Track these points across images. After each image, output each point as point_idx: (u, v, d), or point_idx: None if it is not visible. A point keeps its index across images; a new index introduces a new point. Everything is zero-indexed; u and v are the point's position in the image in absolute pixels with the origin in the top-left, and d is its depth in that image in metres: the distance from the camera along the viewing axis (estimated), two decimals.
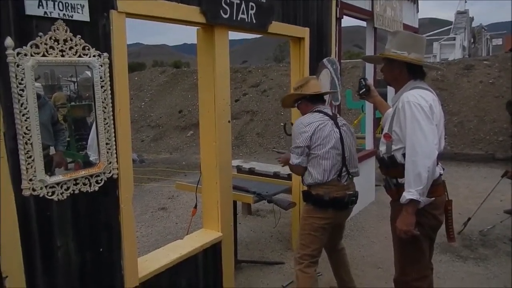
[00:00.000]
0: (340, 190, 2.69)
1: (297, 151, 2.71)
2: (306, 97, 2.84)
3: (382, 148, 2.37)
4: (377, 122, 6.01)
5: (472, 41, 31.29)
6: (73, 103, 2.00)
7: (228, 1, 2.73)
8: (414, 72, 2.34)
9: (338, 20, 4.41)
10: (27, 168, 1.76)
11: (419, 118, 2.12)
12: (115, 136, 2.11)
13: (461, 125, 10.01)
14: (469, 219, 4.61)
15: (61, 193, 1.90)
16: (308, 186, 2.77)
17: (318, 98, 2.86)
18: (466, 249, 4.17)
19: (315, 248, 2.75)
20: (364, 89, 2.81)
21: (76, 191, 1.97)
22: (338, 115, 2.92)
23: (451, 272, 3.72)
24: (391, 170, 2.32)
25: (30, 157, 1.76)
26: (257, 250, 4.27)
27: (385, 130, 2.37)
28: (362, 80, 2.85)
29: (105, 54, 2.03)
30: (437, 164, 2.24)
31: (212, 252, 2.90)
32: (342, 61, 5.32)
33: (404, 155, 2.19)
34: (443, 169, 2.37)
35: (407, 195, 2.11)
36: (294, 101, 2.98)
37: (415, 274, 2.32)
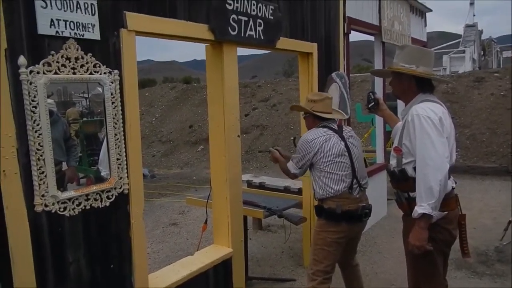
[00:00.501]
0: (353, 203, 2.67)
1: (298, 164, 2.79)
2: (314, 114, 2.84)
3: (393, 162, 2.35)
4: (387, 135, 5.97)
5: (482, 53, 31.19)
6: (85, 119, 2.03)
7: (236, 19, 2.77)
8: (422, 85, 2.33)
9: (346, 35, 4.44)
10: (39, 184, 1.78)
11: (429, 131, 2.10)
12: (125, 152, 2.13)
13: (473, 137, 9.89)
14: (509, 222, 4.47)
15: (73, 209, 1.92)
16: (320, 200, 2.76)
17: (325, 117, 2.85)
18: (482, 265, 4.07)
19: (329, 264, 2.70)
20: (373, 103, 2.81)
21: (88, 207, 1.99)
22: (344, 127, 2.91)
23: None
24: (402, 184, 2.29)
25: (43, 173, 1.79)
26: (268, 267, 4.22)
27: (395, 144, 2.36)
28: (370, 94, 2.84)
29: (116, 71, 2.06)
30: (449, 177, 2.21)
31: (223, 268, 2.88)
32: (351, 75, 5.33)
33: (415, 168, 2.17)
34: (456, 183, 2.34)
35: (419, 209, 2.08)
36: (303, 111, 2.99)
37: None
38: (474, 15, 31.65)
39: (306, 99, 2.94)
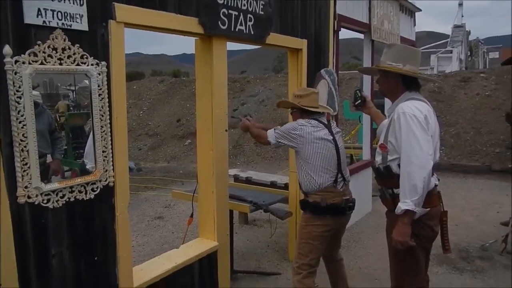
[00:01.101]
0: (337, 196, 2.71)
1: (278, 138, 2.78)
2: (301, 109, 2.86)
3: (378, 159, 2.38)
4: (374, 132, 6.02)
5: (469, 54, 31.62)
6: (71, 112, 2.01)
7: (227, 13, 2.76)
8: (409, 83, 2.36)
9: (336, 32, 4.46)
10: (22, 175, 1.76)
11: (414, 129, 2.13)
12: (111, 144, 2.12)
13: (457, 136, 10.05)
14: (507, 235, 4.32)
15: (57, 201, 1.90)
16: (305, 194, 2.78)
17: (312, 112, 2.88)
18: (463, 261, 4.16)
19: (313, 258, 2.74)
20: (359, 100, 2.83)
21: (72, 199, 1.97)
22: (331, 122, 2.94)
23: (447, 284, 3.70)
24: (387, 180, 2.33)
25: (26, 164, 1.77)
26: (253, 260, 4.25)
27: (381, 141, 2.39)
28: (357, 91, 2.87)
29: (103, 63, 2.04)
30: (433, 174, 2.25)
31: (208, 261, 2.89)
32: (340, 72, 5.36)
33: (399, 165, 2.20)
34: (439, 180, 2.39)
35: (402, 205, 2.12)
36: (290, 107, 3.01)
37: (411, 286, 2.32)
38: (462, 16, 32.05)
39: (293, 95, 2.96)
